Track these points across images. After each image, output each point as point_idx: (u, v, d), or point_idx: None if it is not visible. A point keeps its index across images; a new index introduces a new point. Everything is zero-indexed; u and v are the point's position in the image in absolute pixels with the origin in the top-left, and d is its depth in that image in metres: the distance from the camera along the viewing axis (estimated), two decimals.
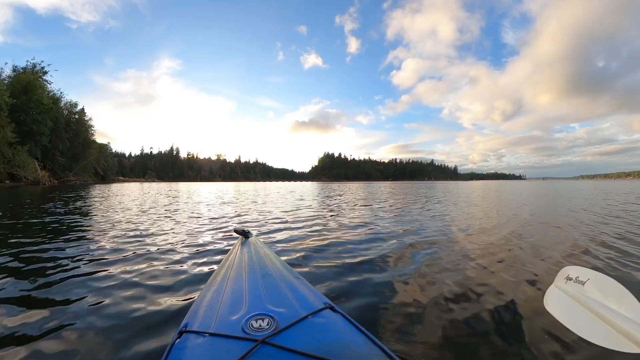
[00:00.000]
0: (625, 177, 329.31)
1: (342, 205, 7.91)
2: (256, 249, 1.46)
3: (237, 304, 0.92)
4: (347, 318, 0.88)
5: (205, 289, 1.11)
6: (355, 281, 2.05)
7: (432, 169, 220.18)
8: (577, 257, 2.70)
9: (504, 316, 1.58)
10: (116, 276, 2.10)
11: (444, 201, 9.41)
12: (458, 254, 2.80)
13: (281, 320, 0.81)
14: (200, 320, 0.86)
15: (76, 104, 42.40)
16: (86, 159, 43.09)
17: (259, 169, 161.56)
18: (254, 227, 4.29)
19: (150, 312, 1.55)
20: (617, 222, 4.77)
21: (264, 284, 1.06)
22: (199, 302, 1.00)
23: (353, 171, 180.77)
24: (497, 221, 4.98)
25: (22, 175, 26.80)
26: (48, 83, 34.39)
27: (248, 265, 1.25)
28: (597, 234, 3.76)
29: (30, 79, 30.08)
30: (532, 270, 2.31)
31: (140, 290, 1.85)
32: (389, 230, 4.12)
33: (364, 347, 0.75)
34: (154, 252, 2.76)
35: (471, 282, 2.06)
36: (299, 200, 9.58)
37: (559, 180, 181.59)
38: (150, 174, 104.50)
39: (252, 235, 1.67)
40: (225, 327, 0.79)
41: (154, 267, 2.32)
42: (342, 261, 2.54)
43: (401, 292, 1.88)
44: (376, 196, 12.23)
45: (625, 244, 3.17)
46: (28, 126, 29.25)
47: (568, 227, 4.30)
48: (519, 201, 9.33)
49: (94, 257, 2.59)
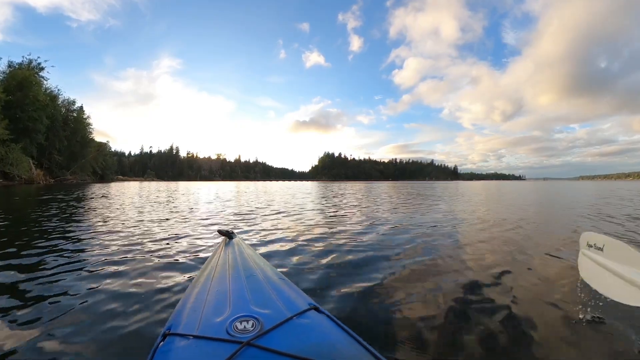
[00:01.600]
0: (625, 177, 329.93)
1: (335, 206, 7.77)
2: (240, 249, 1.46)
3: (221, 305, 0.92)
4: (332, 318, 0.88)
5: (189, 290, 1.10)
6: (342, 282, 2.04)
7: (432, 169, 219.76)
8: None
9: (502, 319, 1.54)
10: (97, 278, 2.06)
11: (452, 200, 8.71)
12: (455, 254, 2.82)
13: (266, 322, 0.81)
14: (184, 323, 0.84)
15: (74, 102, 41.67)
16: (84, 158, 42.36)
17: (259, 169, 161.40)
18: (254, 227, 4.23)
19: (132, 315, 1.51)
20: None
21: (248, 285, 1.05)
22: (182, 304, 0.99)
23: (353, 171, 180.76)
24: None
25: (15, 174, 25.83)
26: (44, 79, 33.54)
27: (232, 266, 1.24)
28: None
29: (26, 75, 29.08)
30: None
31: (123, 292, 1.80)
32: (382, 231, 4.03)
33: (350, 348, 0.75)
34: (136, 253, 2.72)
35: (466, 283, 2.05)
36: (290, 201, 9.16)
37: (559, 181, 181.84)
38: (150, 173, 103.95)
39: (236, 236, 1.67)
40: (209, 329, 0.79)
41: (136, 268, 2.28)
42: (330, 262, 2.52)
43: (390, 293, 1.87)
44: (374, 197, 11.78)
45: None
46: (23, 123, 28.28)
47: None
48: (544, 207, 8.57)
49: (72, 259, 2.50)
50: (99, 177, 48.49)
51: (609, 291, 0.93)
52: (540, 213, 6.42)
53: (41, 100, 29.93)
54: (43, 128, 31.02)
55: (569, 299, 1.69)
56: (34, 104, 29.12)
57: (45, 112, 31.16)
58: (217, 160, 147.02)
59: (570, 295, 1.73)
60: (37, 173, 29.43)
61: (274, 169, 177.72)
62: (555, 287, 1.96)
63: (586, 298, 1.47)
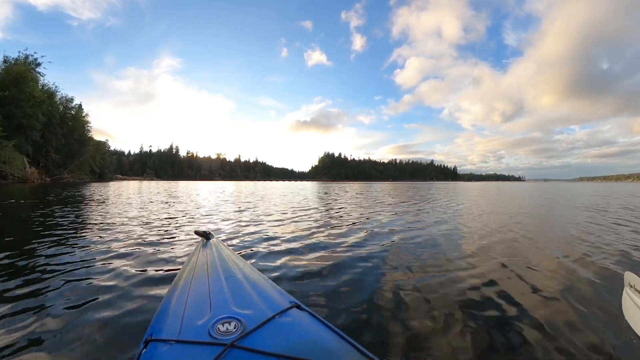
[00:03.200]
0: (624, 179, 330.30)
1: (328, 206, 7.62)
2: (218, 250, 1.44)
3: (202, 308, 0.91)
4: (314, 315, 0.88)
5: (168, 294, 1.07)
6: (325, 280, 2.03)
7: (431, 170, 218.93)
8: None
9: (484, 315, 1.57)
10: (75, 283, 1.94)
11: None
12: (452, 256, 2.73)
13: (248, 322, 0.81)
14: (166, 327, 0.83)
15: (72, 99, 40.84)
16: (82, 156, 41.53)
17: (259, 168, 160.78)
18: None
19: (113, 322, 1.44)
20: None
21: (228, 286, 1.05)
22: (162, 308, 0.97)
23: (353, 171, 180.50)
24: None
25: (7, 172, 24.74)
26: (41, 75, 32.58)
27: (211, 267, 1.23)
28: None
29: (21, 70, 28.08)
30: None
31: (100, 300, 1.69)
32: (370, 231, 3.96)
33: (334, 343, 0.76)
34: (113, 256, 2.57)
35: (461, 283, 2.01)
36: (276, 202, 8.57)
37: (561, 182, 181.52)
38: (149, 173, 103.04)
39: (213, 236, 1.67)
40: (191, 333, 0.78)
41: (113, 272, 2.15)
42: (314, 261, 2.48)
43: (374, 292, 1.86)
44: (368, 197, 11.34)
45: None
46: (18, 120, 27.22)
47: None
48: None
49: (49, 262, 2.36)
50: (98, 176, 47.88)
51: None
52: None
53: (37, 97, 28.87)
54: (39, 125, 30.00)
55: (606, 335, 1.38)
56: (30, 101, 28.09)
57: (41, 109, 30.11)
58: (217, 160, 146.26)
59: (611, 332, 1.41)
60: (31, 171, 28.30)
61: (273, 169, 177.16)
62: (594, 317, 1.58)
63: (628, 339, 1.33)
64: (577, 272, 2.26)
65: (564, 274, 2.23)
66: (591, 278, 2.13)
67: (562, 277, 2.14)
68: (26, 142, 28.77)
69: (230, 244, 3.14)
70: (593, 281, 2.07)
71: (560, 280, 2.08)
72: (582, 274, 2.24)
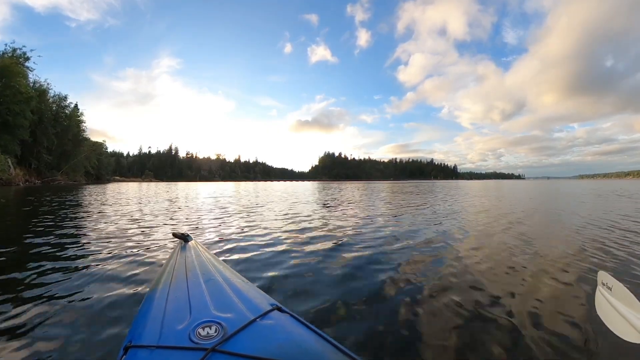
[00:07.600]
0: (624, 176, 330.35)
1: (321, 205, 7.46)
2: (197, 252, 1.41)
3: (182, 312, 0.89)
4: (295, 317, 0.88)
5: (146, 298, 1.05)
6: (308, 282, 1.99)
7: (432, 169, 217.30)
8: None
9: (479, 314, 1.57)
10: (51, 288, 1.83)
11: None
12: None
13: (229, 326, 0.80)
14: (145, 333, 0.81)
15: (66, 97, 38.77)
16: (77, 158, 39.32)
17: (259, 169, 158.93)
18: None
19: (90, 329, 1.38)
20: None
21: (208, 289, 1.03)
22: (141, 313, 0.95)
23: (353, 171, 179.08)
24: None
25: None
26: (30, 70, 30.56)
27: (190, 270, 1.20)
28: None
29: (7, 63, 26.01)
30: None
31: (78, 305, 1.61)
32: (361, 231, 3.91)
33: (315, 345, 0.76)
34: (89, 262, 2.41)
35: (459, 284, 1.98)
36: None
37: (562, 180, 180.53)
38: (148, 174, 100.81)
39: (191, 238, 1.62)
40: (171, 338, 0.77)
41: (87, 277, 2.05)
42: (293, 262, 2.44)
43: (360, 294, 1.81)
44: (365, 197, 10.75)
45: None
46: (2, 117, 25.13)
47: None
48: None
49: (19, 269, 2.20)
50: (94, 178, 45.84)
51: (611, 325, 1.13)
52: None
53: (24, 93, 26.73)
54: (27, 123, 27.86)
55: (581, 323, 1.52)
56: (16, 96, 25.95)
57: (30, 106, 27.94)
58: (216, 161, 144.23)
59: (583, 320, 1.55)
60: (15, 173, 26.14)
61: (274, 169, 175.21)
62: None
63: (600, 332, 1.41)
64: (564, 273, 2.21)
65: (562, 273, 2.21)
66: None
67: (557, 276, 2.14)
68: (13, 141, 26.64)
69: (209, 245, 3.05)
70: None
71: (553, 279, 2.08)
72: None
